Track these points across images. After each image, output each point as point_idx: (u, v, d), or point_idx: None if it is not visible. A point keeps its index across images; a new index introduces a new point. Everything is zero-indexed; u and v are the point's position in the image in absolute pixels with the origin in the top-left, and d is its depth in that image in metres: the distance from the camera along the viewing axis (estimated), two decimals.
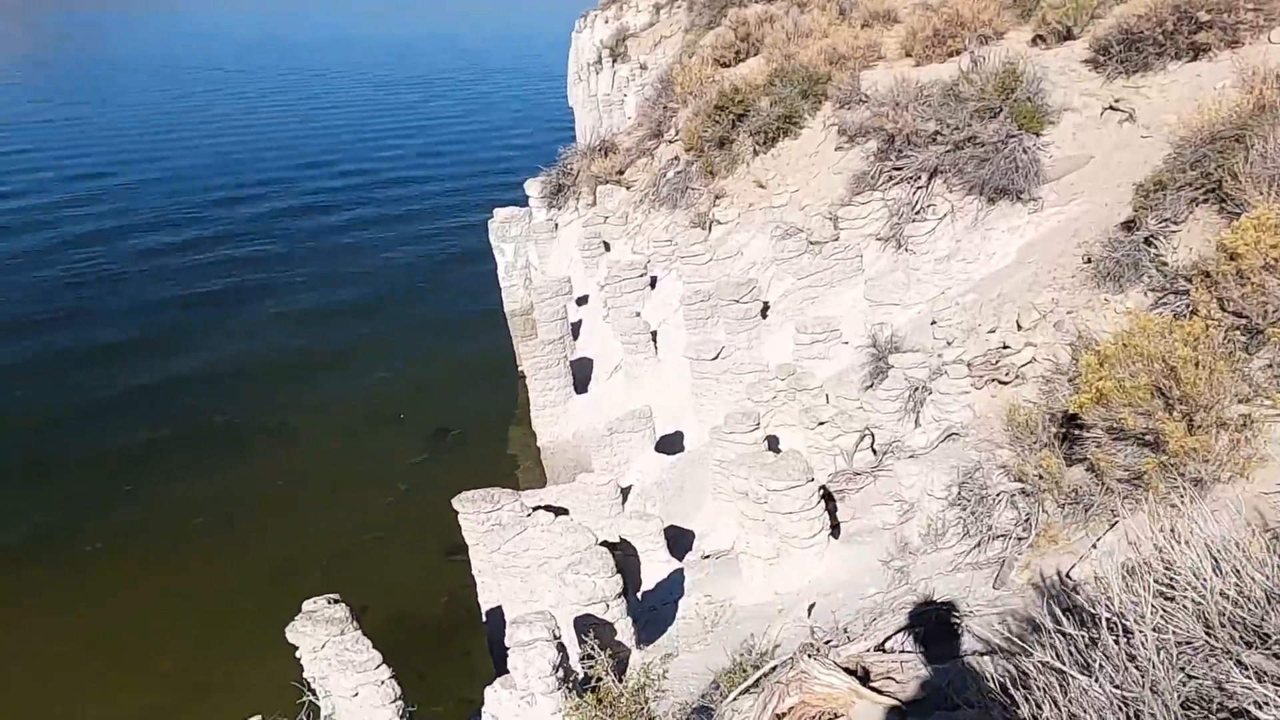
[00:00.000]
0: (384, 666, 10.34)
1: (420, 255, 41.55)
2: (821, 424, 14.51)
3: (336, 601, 11.94)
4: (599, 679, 6.39)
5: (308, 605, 12.00)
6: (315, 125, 73.73)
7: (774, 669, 5.76)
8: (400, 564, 20.33)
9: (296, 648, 11.49)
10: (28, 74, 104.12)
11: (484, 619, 15.72)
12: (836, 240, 19.43)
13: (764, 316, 19.53)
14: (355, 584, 18.44)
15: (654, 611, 13.32)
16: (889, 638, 6.44)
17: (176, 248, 42.74)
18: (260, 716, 11.13)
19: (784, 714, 5.37)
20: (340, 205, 49.86)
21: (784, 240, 20.24)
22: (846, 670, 5.50)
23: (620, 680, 7.18)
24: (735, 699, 5.50)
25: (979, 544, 8.90)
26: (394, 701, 10.23)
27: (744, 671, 6.70)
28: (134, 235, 44.52)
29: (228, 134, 70.11)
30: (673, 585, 13.85)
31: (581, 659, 9.60)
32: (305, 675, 11.70)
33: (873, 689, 5.45)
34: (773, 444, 15.44)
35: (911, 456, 12.46)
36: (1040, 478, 8.33)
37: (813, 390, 15.39)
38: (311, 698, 11.67)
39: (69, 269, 39.64)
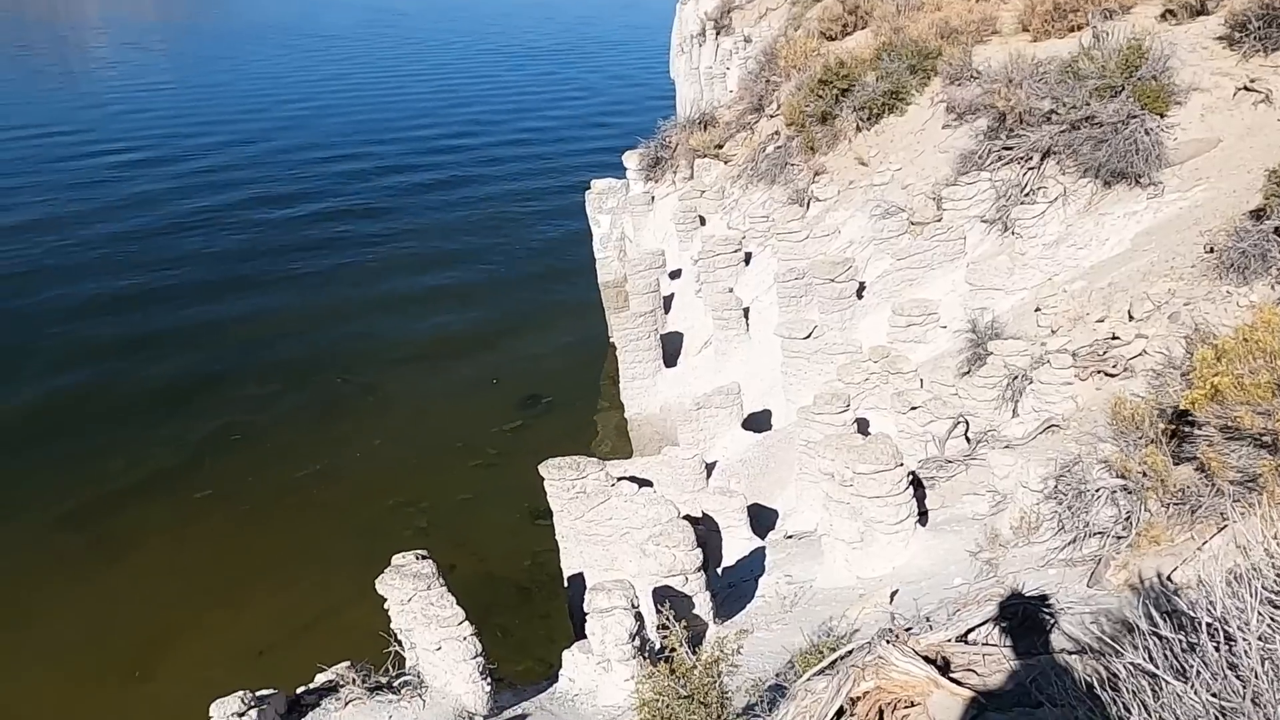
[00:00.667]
0: (466, 623, 10.61)
1: (518, 224, 42.13)
2: (914, 409, 14.18)
3: (424, 558, 12.32)
4: (673, 650, 6.43)
5: (397, 559, 12.42)
6: (423, 91, 75.13)
7: (850, 652, 5.69)
8: (488, 525, 20.84)
9: (385, 599, 11.94)
10: (157, 39, 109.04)
11: (565, 584, 16.00)
12: (939, 221, 18.87)
13: (859, 297, 19.15)
14: (444, 542, 19.03)
15: (732, 588, 13.32)
16: (973, 629, 6.28)
17: (290, 208, 44.34)
18: (323, 672, 11.42)
19: (858, 698, 5.30)
20: (442, 172, 50.87)
21: (884, 220, 19.76)
22: (926, 659, 5.39)
23: (696, 653, 7.20)
24: (809, 679, 5.46)
25: (1074, 540, 8.58)
26: (475, 658, 10.51)
27: (820, 653, 6.63)
28: (253, 197, 46.34)
29: (343, 97, 72.02)
30: (753, 563, 13.82)
31: (657, 628, 9.67)
32: (393, 626, 12.15)
33: (952, 680, 5.33)
34: (862, 427, 15.19)
35: (1007, 446, 12.07)
36: (1145, 475, 7.96)
37: (906, 374, 15.04)
38: (398, 648, 12.12)
39: (195, 224, 41.52)
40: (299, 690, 11.51)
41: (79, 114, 65.29)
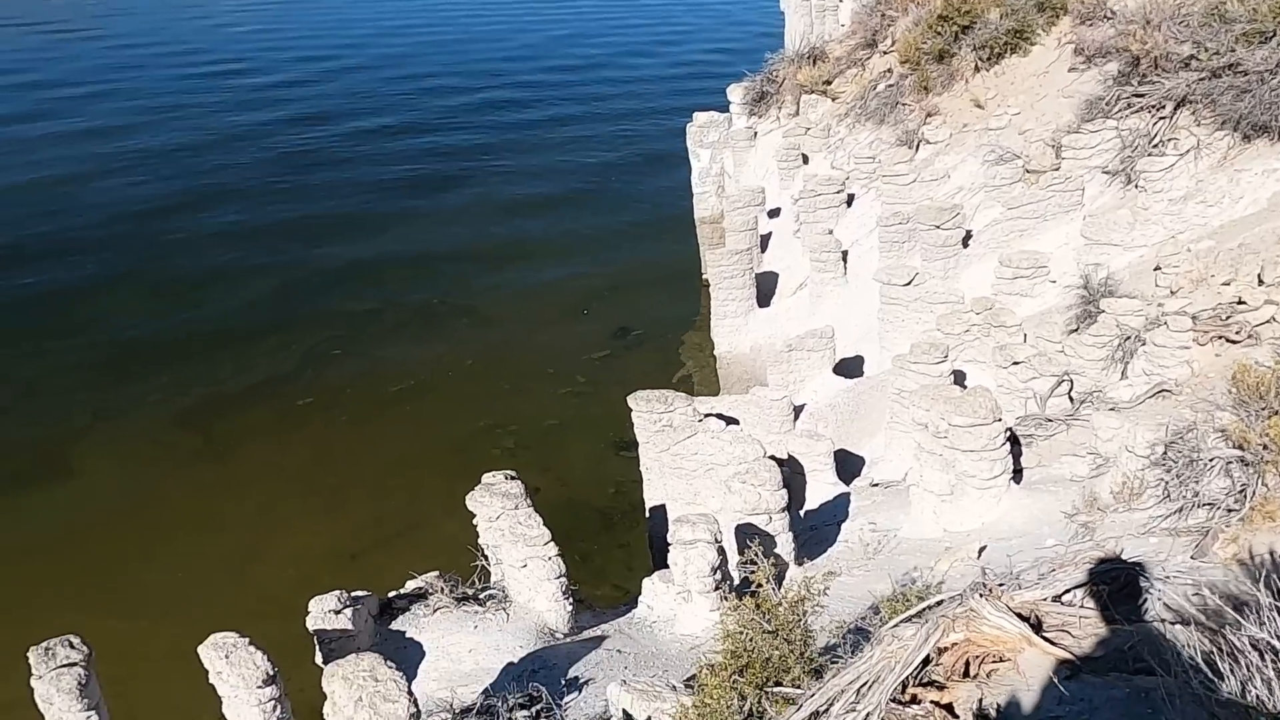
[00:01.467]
0: (552, 544, 10.92)
1: (617, 154, 41.88)
2: (1016, 364, 13.76)
3: (513, 478, 12.67)
4: (758, 585, 6.50)
5: (487, 478, 12.79)
6: (525, 20, 74.60)
7: (940, 603, 5.64)
8: (573, 452, 21.23)
9: (474, 515, 12.34)
10: None
11: (647, 515, 16.24)
12: (1056, 170, 18.01)
13: (965, 245, 18.52)
14: (530, 465, 19.43)
15: (814, 531, 13.32)
16: (1067, 591, 6.15)
17: (391, 131, 45.02)
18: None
19: (945, 649, 5.27)
20: (543, 100, 50.75)
21: (997, 166, 18.96)
22: (1019, 616, 5.32)
23: (779, 591, 7.25)
24: (896, 625, 5.45)
25: (1180, 510, 8.27)
26: (558, 577, 10.83)
27: (907, 601, 6.61)
28: (355, 118, 47.19)
29: (442, 26, 72.19)
30: (836, 508, 13.77)
31: (740, 564, 9.77)
32: (480, 541, 12.57)
33: (1045, 639, 5.25)
34: (958, 379, 14.83)
35: (1113, 409, 11.64)
36: (1265, 447, 7.58)
37: (1010, 328, 14.57)
38: (484, 562, 12.55)
39: (297, 145, 42.62)
40: (390, 594, 12.09)
41: (206, 34, 67.02)
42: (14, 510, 19.46)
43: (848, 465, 15.93)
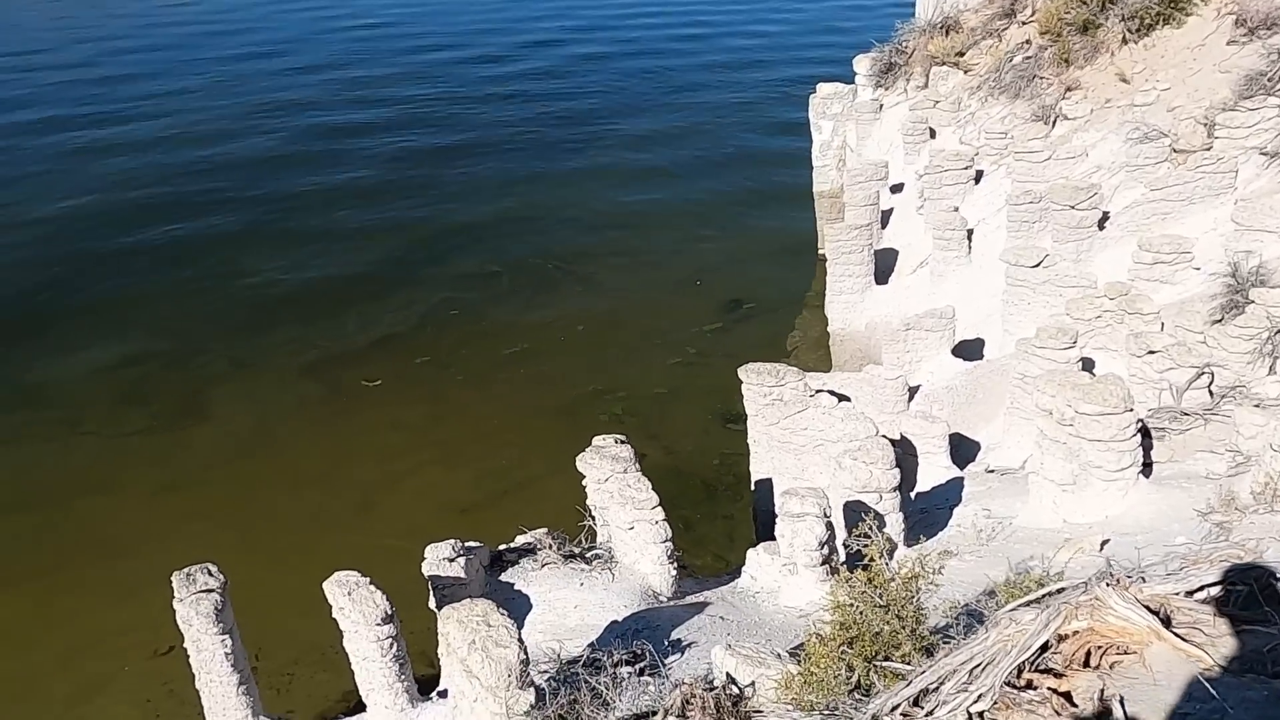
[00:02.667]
0: (659, 509, 11.06)
1: (736, 123, 41.41)
2: (1151, 353, 13.09)
3: (623, 442, 12.87)
4: (871, 560, 6.43)
5: (597, 440, 13.03)
6: None
7: (1063, 590, 5.47)
8: (680, 421, 21.32)
9: (582, 476, 12.59)
10: None
11: (752, 488, 16.24)
12: (1208, 150, 16.91)
13: (1100, 228, 17.64)
14: (637, 432, 19.59)
15: (925, 514, 13.06)
16: (1200, 589, 5.86)
17: (516, 97, 45.65)
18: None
19: (1066, 636, 5.11)
20: (666, 68, 50.54)
21: (1141, 145, 17.96)
22: (1147, 609, 5.10)
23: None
24: (1015, 609, 5.31)
25: None
26: (664, 542, 10.97)
27: (1026, 587, 6.43)
28: (482, 82, 48.05)
29: None
30: (949, 492, 13.46)
31: (848, 540, 9.68)
32: (588, 502, 12.83)
33: (1175, 634, 5.02)
34: (1086, 366, 14.20)
35: (1258, 405, 10.95)
36: None
37: (1147, 315, 13.86)
38: (591, 523, 12.82)
39: (424, 108, 43.72)
40: (500, 547, 12.49)
41: None
42: (159, 447, 20.90)
43: (962, 449, 15.52)
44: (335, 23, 60.35)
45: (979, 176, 21.38)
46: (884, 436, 12.65)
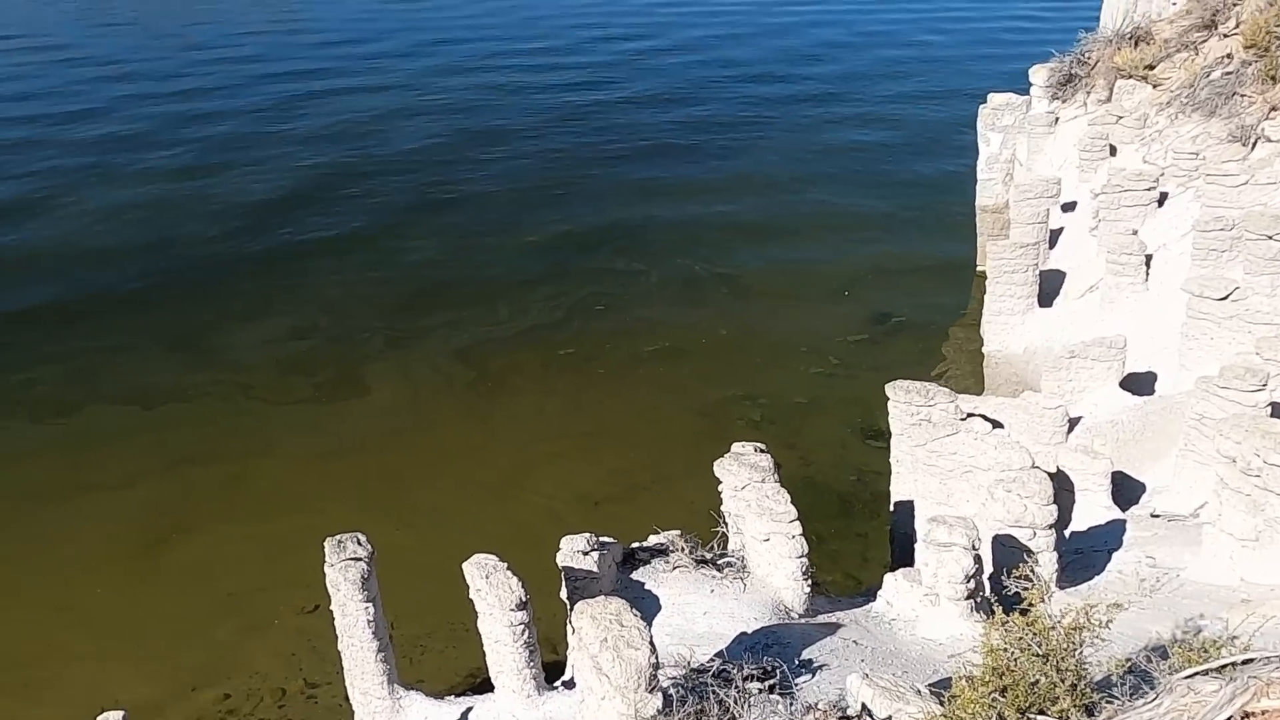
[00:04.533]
0: (797, 523, 10.84)
1: (896, 132, 40.33)
2: None
3: (763, 451, 12.68)
4: (1029, 603, 6.07)
5: (736, 447, 12.88)
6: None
7: (1250, 661, 5.00)
8: (819, 433, 20.93)
9: (718, 481, 12.49)
10: None
11: (891, 508, 15.72)
12: None
13: None
14: (774, 440, 19.31)
15: (1079, 555, 12.30)
16: None
17: (669, 100, 45.89)
18: (672, 529, 12.21)
19: (1253, 714, 4.66)
20: (820, 75, 49.72)
21: None
22: None
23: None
24: (1191, 676, 4.89)
25: None
26: (800, 557, 10.75)
27: (1203, 651, 5.92)
28: (636, 84, 48.59)
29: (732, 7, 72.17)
30: (1108, 534, 12.63)
31: (996, 576, 9.22)
32: (723, 509, 12.72)
33: None
34: (1276, 411, 13.02)
35: None
36: None
37: None
38: (724, 529, 12.71)
39: (579, 109, 44.49)
40: (633, 545, 12.55)
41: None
42: (318, 416, 22.16)
43: (1124, 490, 14.52)
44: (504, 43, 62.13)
45: (1163, 199, 19.96)
46: (1040, 469, 11.99)
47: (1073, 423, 15.52)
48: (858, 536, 18.20)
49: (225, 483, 19.81)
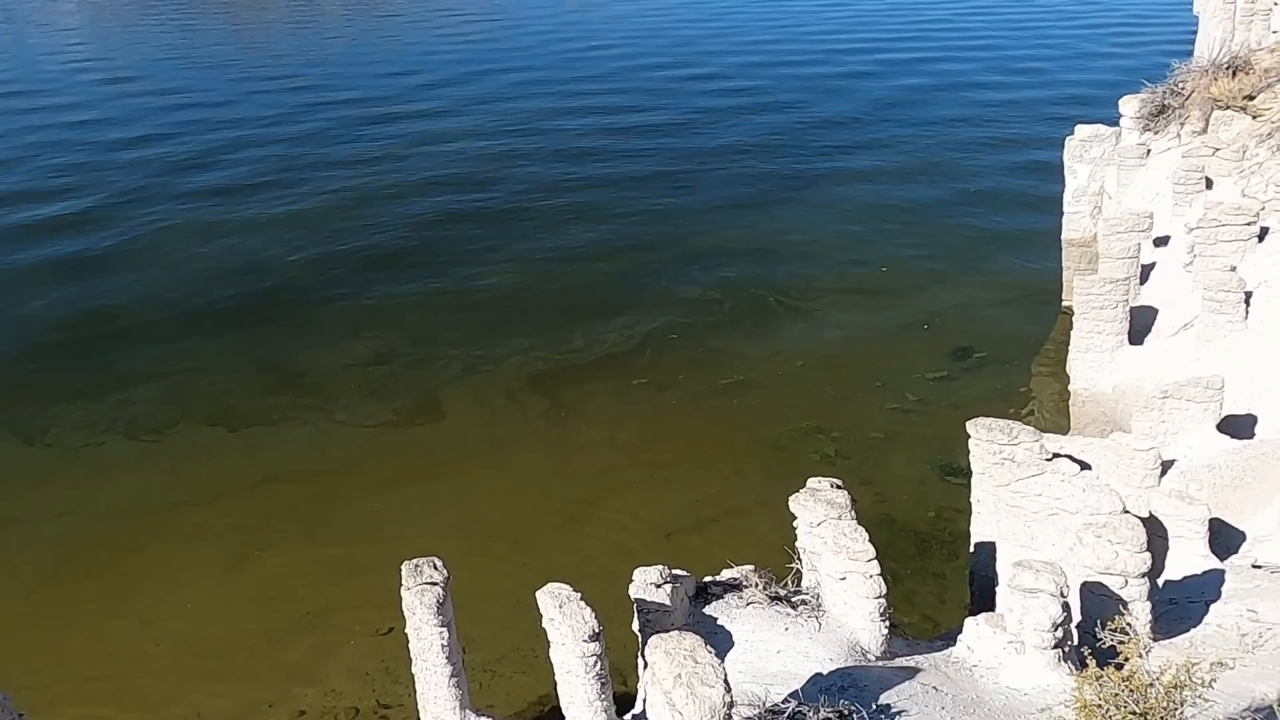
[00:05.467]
0: (875, 562, 10.58)
1: (982, 161, 39.69)
2: None
3: (840, 487, 12.44)
4: (1125, 658, 5.79)
5: (812, 483, 12.66)
6: (910, 24, 72.35)
7: None
8: (895, 470, 20.50)
9: (793, 516, 12.29)
10: None
11: (971, 549, 15.24)
12: None
13: None
14: (849, 475, 18.90)
15: (1174, 605, 11.73)
16: None
17: (741, 121, 45.99)
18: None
19: None
20: (903, 99, 49.28)
21: None
22: None
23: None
24: None
25: None
26: (878, 598, 10.48)
27: None
28: (723, 113, 48.84)
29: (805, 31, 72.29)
30: (1205, 585, 12.01)
31: (1084, 625, 8.85)
32: (798, 545, 12.50)
33: None
34: None
35: None
36: None
37: None
38: (799, 565, 12.48)
39: (639, 150, 44.51)
40: (705, 579, 12.41)
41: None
42: (396, 441, 22.60)
43: (1221, 538, 13.83)
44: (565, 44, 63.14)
45: (1263, 234, 19.15)
46: (1131, 514, 11.50)
47: (1166, 466, 14.88)
48: (935, 577, 17.72)
49: (306, 503, 20.30)
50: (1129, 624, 6.88)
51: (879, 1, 79.13)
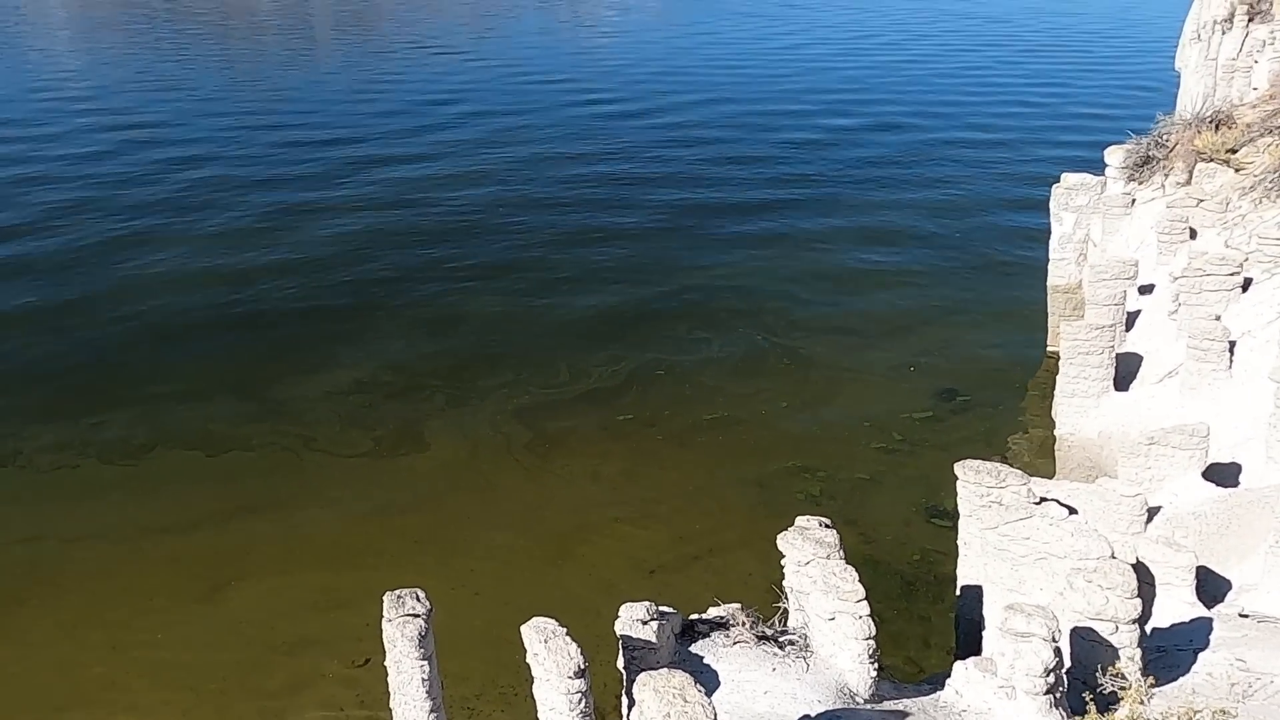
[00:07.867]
0: (865, 603, 10.46)
1: (963, 213, 40.07)
2: None
3: (829, 526, 12.34)
4: (1124, 704, 5.68)
5: (801, 521, 12.55)
6: (880, 67, 73.79)
7: None
8: (881, 510, 20.42)
9: (780, 555, 12.15)
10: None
11: (957, 592, 15.13)
12: None
13: None
14: (834, 515, 18.56)
15: (1161, 653, 11.63)
16: None
17: (737, 168, 46.39)
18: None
19: None
20: (890, 150, 49.89)
21: None
22: None
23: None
24: None
25: None
26: (867, 639, 10.34)
27: None
28: (703, 157, 49.27)
29: (794, 66, 73.38)
30: (1192, 633, 11.94)
31: (1073, 670, 8.74)
32: (785, 584, 12.35)
33: None
34: None
35: None
36: None
37: None
38: (786, 604, 12.32)
39: (648, 178, 45.08)
40: (692, 617, 12.22)
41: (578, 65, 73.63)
42: (377, 472, 22.28)
43: (1208, 585, 13.79)
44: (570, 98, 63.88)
45: (1247, 284, 19.39)
46: (1120, 559, 11.44)
47: (1151, 512, 14.88)
48: (920, 619, 17.60)
49: (283, 532, 19.95)
50: (1127, 671, 6.77)
51: (897, 55, 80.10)
